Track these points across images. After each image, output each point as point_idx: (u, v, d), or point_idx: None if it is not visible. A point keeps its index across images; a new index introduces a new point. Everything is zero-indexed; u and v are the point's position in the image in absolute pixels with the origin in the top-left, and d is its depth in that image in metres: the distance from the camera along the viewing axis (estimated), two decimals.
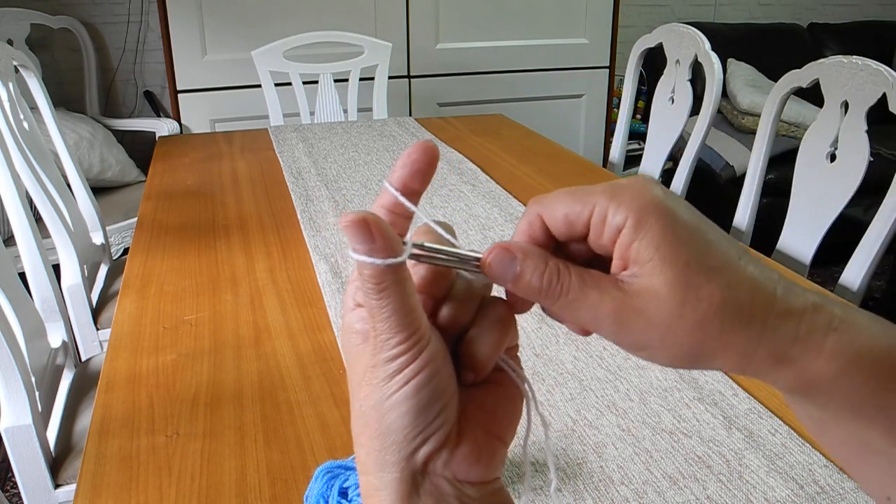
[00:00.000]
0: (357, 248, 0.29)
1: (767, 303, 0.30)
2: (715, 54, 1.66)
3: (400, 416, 0.30)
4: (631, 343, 0.31)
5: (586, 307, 0.31)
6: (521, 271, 0.31)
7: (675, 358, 0.30)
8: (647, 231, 0.30)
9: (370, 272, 0.29)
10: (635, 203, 0.30)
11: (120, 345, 0.92)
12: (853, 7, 4.03)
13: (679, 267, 0.29)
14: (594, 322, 0.31)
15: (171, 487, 0.67)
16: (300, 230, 1.28)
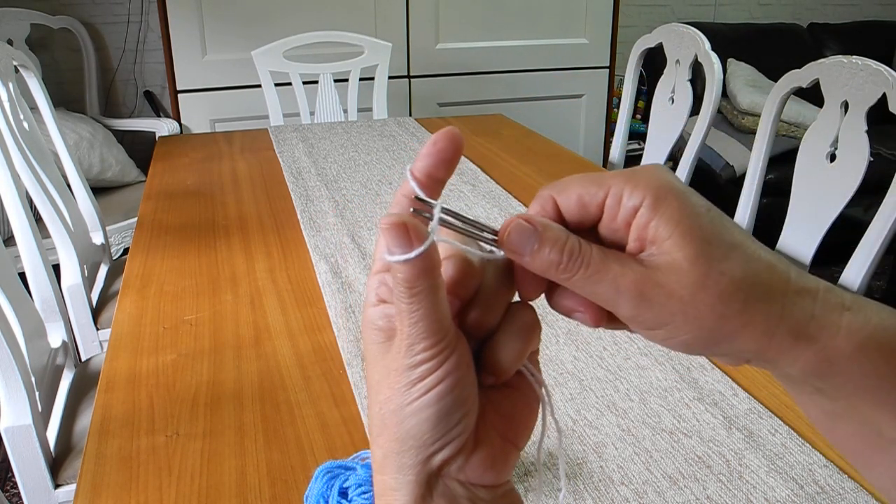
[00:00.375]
0: (394, 251, 0.29)
1: (784, 280, 0.30)
2: (715, 54, 1.66)
3: (420, 422, 0.30)
4: (651, 319, 0.30)
5: (608, 280, 0.30)
6: (541, 243, 0.31)
7: (695, 337, 0.30)
8: (664, 209, 0.30)
9: (405, 275, 0.29)
10: (651, 184, 0.31)
11: (120, 345, 0.92)
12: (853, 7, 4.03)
13: (699, 242, 0.30)
14: (614, 296, 0.30)
15: (171, 487, 0.67)
16: (300, 230, 1.28)
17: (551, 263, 0.31)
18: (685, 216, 0.30)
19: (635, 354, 0.87)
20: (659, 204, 0.30)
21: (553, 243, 0.31)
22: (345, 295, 1.03)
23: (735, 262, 0.30)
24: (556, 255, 0.31)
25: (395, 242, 0.28)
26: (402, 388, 0.30)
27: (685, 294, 0.29)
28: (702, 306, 0.29)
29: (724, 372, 0.84)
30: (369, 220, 1.31)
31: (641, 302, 0.30)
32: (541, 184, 1.54)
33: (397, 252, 0.29)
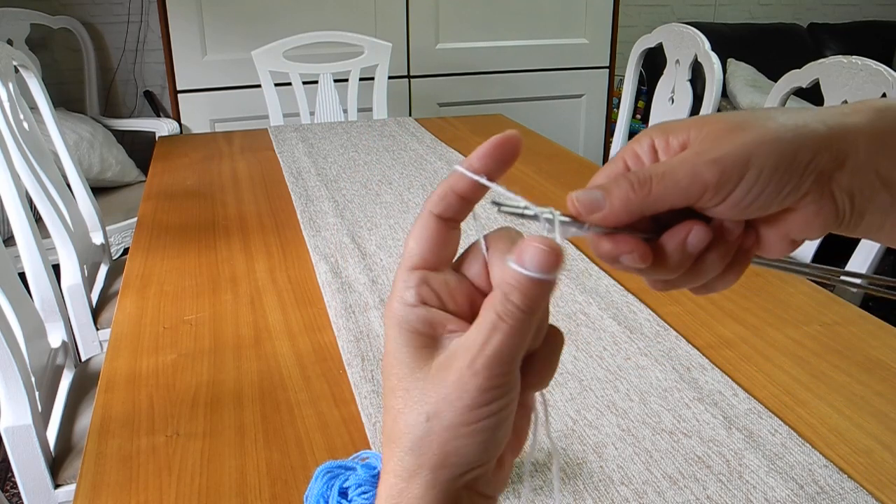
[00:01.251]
0: (539, 271, 0.28)
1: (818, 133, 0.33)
2: (715, 54, 1.66)
3: (472, 444, 0.29)
4: (733, 164, 0.32)
5: (679, 167, 0.32)
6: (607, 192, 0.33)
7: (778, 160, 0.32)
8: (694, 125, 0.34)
9: (533, 294, 0.28)
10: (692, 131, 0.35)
11: (120, 345, 0.92)
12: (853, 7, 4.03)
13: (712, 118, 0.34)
14: (693, 170, 0.32)
15: (171, 487, 0.67)
16: (300, 230, 1.28)
17: (626, 191, 0.32)
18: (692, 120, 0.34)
19: (635, 354, 0.87)
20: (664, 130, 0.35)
21: (616, 182, 0.33)
22: (345, 295, 1.03)
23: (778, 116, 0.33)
24: (625, 182, 0.33)
25: (548, 265, 0.28)
26: (465, 409, 0.28)
27: (737, 132, 0.32)
28: (754, 131, 0.32)
29: (724, 372, 0.84)
30: (369, 220, 1.31)
31: (714, 154, 0.32)
32: (541, 184, 1.54)
33: (542, 272, 0.28)
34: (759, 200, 0.32)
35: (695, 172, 0.32)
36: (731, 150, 0.32)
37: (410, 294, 0.31)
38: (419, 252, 0.31)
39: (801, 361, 0.87)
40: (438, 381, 0.29)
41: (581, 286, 1.05)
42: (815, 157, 0.32)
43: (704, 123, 0.33)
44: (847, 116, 0.34)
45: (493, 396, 0.28)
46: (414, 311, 0.30)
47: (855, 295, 1.24)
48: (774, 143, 0.32)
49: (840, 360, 0.87)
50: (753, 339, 0.92)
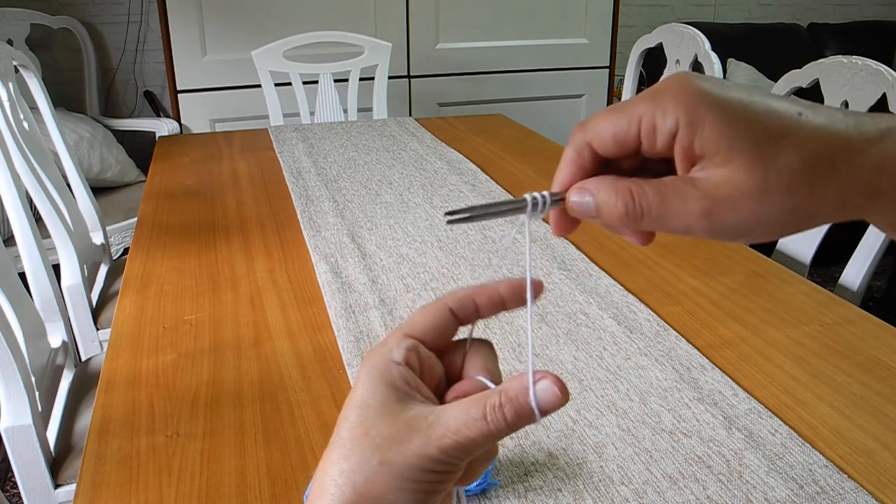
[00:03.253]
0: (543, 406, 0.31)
1: (844, 146, 0.30)
2: (715, 54, 1.66)
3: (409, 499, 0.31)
4: (727, 233, 0.31)
5: (675, 216, 0.31)
6: (598, 201, 0.32)
7: (775, 232, 0.31)
8: (702, 125, 0.30)
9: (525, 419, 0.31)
10: (681, 102, 0.30)
11: (120, 345, 0.92)
12: (853, 7, 4.03)
13: (748, 147, 0.29)
14: (687, 227, 0.31)
15: (171, 487, 0.67)
16: (300, 230, 1.28)
17: (615, 217, 0.32)
18: (727, 123, 0.29)
19: (635, 354, 0.87)
20: (695, 120, 0.30)
21: (606, 201, 0.32)
22: (345, 295, 1.03)
23: (789, 152, 0.29)
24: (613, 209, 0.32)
25: (552, 409, 0.31)
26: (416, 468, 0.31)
27: (752, 203, 0.30)
28: (772, 206, 0.30)
29: (724, 372, 0.84)
30: (369, 220, 1.31)
31: (714, 225, 0.30)
32: (541, 184, 1.54)
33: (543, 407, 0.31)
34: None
35: (687, 229, 0.31)
36: (733, 223, 0.30)
37: (399, 354, 0.33)
38: (422, 328, 0.35)
39: (801, 361, 0.87)
40: (403, 435, 0.31)
41: (581, 286, 1.05)
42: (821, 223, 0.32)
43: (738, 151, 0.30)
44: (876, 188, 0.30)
45: (441, 468, 0.31)
46: (398, 368, 0.33)
47: (855, 295, 1.25)
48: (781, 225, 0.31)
49: (840, 360, 0.87)
50: (753, 339, 0.92)
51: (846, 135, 0.30)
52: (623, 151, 0.32)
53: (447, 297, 0.35)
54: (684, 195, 0.30)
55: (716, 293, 1.03)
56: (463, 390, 0.34)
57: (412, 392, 0.33)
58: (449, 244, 1.20)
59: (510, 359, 0.87)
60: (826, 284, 1.10)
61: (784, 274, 1.09)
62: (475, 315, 0.35)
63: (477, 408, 0.31)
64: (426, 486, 0.31)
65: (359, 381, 0.33)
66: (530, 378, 0.32)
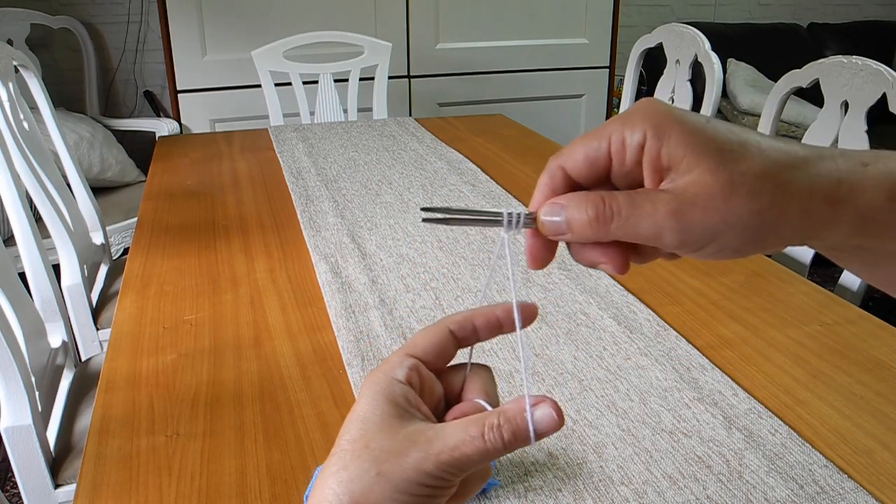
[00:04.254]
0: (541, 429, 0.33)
1: (800, 158, 0.31)
2: (715, 54, 1.66)
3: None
4: (696, 239, 0.31)
5: (644, 218, 0.31)
6: (568, 215, 0.33)
7: (742, 240, 0.31)
8: (669, 134, 0.31)
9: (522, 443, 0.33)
10: (648, 117, 0.32)
11: (120, 345, 0.92)
12: (853, 7, 4.03)
13: (712, 152, 0.31)
14: (656, 230, 0.31)
15: (171, 487, 0.67)
16: (300, 230, 1.28)
17: (584, 225, 0.32)
18: (691, 133, 0.31)
19: (635, 354, 0.87)
20: (662, 131, 0.31)
21: (576, 207, 0.33)
22: (345, 295, 1.03)
23: (751, 157, 0.31)
24: (583, 214, 0.32)
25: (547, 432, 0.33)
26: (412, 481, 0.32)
27: (719, 203, 0.30)
28: (738, 209, 0.30)
29: (724, 372, 0.84)
30: (369, 220, 1.31)
31: (682, 226, 0.31)
32: None
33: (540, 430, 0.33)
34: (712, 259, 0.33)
35: (656, 233, 0.32)
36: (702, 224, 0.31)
37: (401, 372, 0.35)
38: (423, 348, 0.36)
39: (801, 361, 0.87)
40: (401, 448, 0.32)
41: (581, 286, 1.05)
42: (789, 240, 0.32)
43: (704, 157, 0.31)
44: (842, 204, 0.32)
45: (436, 483, 0.32)
46: (400, 386, 0.34)
47: (855, 295, 1.25)
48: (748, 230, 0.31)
49: (840, 360, 0.87)
50: (753, 339, 0.92)
51: (802, 153, 0.32)
52: (594, 172, 0.33)
53: (447, 319, 0.37)
54: (654, 199, 0.31)
55: (716, 293, 1.03)
56: (462, 411, 0.35)
57: (413, 409, 0.34)
58: (449, 244, 1.20)
59: (510, 358, 0.87)
60: (826, 284, 1.10)
61: (784, 274, 1.09)
62: (474, 337, 0.37)
63: (475, 427, 0.32)
64: (420, 500, 0.32)
65: (361, 396, 0.34)
66: (527, 402, 0.33)
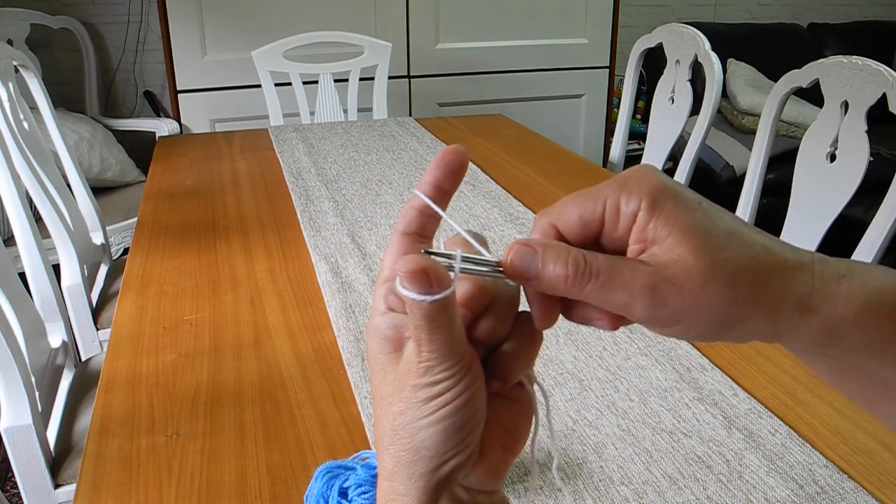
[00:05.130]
0: (413, 292, 0.29)
1: (781, 260, 0.32)
2: (715, 54, 1.66)
3: (434, 434, 0.31)
4: (666, 317, 0.31)
5: (619, 285, 0.31)
6: (543, 263, 0.32)
7: (710, 327, 0.31)
8: (661, 210, 0.31)
9: (424, 312, 0.30)
10: (645, 188, 0.32)
11: (120, 345, 0.92)
12: (853, 7, 4.03)
13: (699, 234, 0.31)
14: (628, 300, 0.31)
15: (171, 487, 0.67)
16: (300, 230, 1.28)
17: (559, 279, 0.31)
18: (681, 212, 0.31)
19: (635, 354, 0.87)
20: (656, 205, 0.31)
21: (555, 260, 0.31)
22: (345, 295, 1.03)
23: (736, 248, 0.31)
24: (562, 268, 0.31)
25: (418, 288, 0.29)
26: (418, 404, 0.31)
27: (696, 287, 0.30)
28: (713, 296, 0.30)
29: (724, 372, 0.84)
30: (369, 220, 1.31)
31: (656, 302, 0.31)
32: (541, 184, 1.54)
33: (416, 293, 0.29)
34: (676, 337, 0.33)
35: (629, 304, 0.31)
36: (674, 304, 0.31)
37: (380, 302, 0.34)
38: (387, 265, 0.34)
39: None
40: (401, 383, 0.32)
41: None
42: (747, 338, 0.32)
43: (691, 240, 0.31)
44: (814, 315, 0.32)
45: (438, 391, 0.31)
46: (384, 317, 0.33)
47: None
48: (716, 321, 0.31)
49: None
50: None
51: (782, 254, 0.32)
52: (585, 234, 0.33)
53: (397, 227, 0.35)
54: (633, 269, 0.31)
55: None
56: None
57: (402, 333, 0.33)
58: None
59: None
60: None
61: None
62: (425, 220, 0.34)
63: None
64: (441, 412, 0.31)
65: (367, 349, 0.35)
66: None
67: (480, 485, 0.34)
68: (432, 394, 0.31)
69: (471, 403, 0.32)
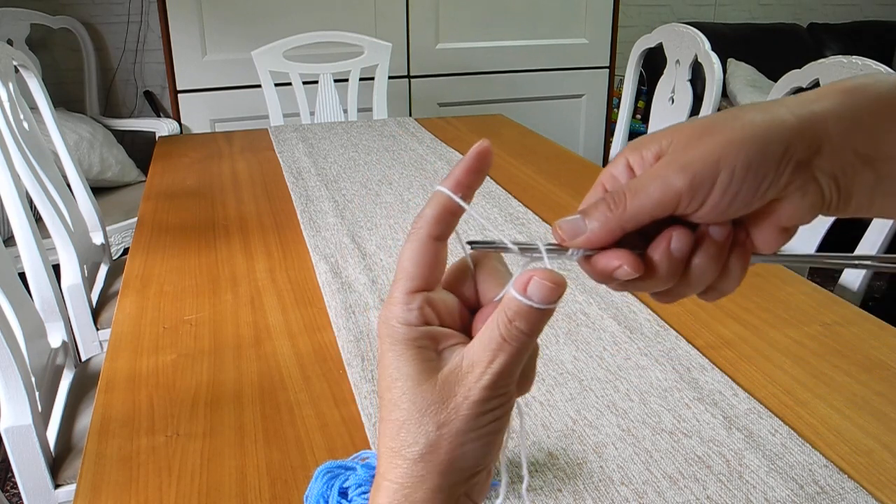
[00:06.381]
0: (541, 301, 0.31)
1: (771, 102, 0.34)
2: (715, 54, 1.66)
3: (478, 448, 0.31)
4: (706, 172, 0.32)
5: (650, 181, 0.33)
6: (586, 214, 0.34)
7: (748, 153, 0.32)
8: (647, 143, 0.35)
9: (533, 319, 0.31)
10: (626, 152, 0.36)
11: (120, 345, 0.92)
12: (853, 7, 4.03)
13: (685, 122, 0.34)
14: (665, 186, 0.33)
15: (171, 487, 0.67)
16: (300, 230, 1.28)
17: (604, 215, 0.33)
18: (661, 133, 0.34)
19: (635, 354, 0.87)
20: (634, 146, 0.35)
21: (593, 207, 0.34)
22: (345, 295, 1.03)
23: (720, 110, 0.35)
24: (601, 203, 0.33)
25: (550, 297, 0.31)
26: (473, 417, 0.31)
27: (707, 136, 0.33)
28: (726, 130, 0.32)
29: (724, 372, 0.84)
30: (369, 220, 1.31)
31: (685, 167, 0.32)
32: (541, 184, 1.54)
33: (545, 304, 0.31)
34: (737, 200, 0.33)
35: (665, 183, 0.32)
36: (699, 154, 0.32)
37: (414, 316, 0.33)
38: (419, 275, 0.33)
39: (801, 361, 0.87)
40: (447, 393, 0.31)
41: (581, 286, 1.05)
42: (788, 148, 0.32)
43: (676, 131, 0.34)
44: (814, 103, 0.34)
45: (496, 405, 0.31)
46: (418, 330, 0.33)
47: (855, 295, 1.25)
48: (743, 142, 0.32)
49: (840, 360, 0.87)
50: (753, 339, 0.92)
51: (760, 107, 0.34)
52: None
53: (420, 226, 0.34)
54: (654, 167, 0.34)
55: None
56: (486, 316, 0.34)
57: (441, 345, 0.33)
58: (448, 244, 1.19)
59: None
60: (826, 284, 1.10)
61: (784, 274, 1.09)
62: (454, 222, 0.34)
63: (493, 334, 0.31)
64: (492, 426, 0.31)
65: (384, 352, 0.33)
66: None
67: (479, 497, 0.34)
68: (490, 407, 0.31)
69: (508, 420, 0.32)
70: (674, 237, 0.34)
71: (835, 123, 0.33)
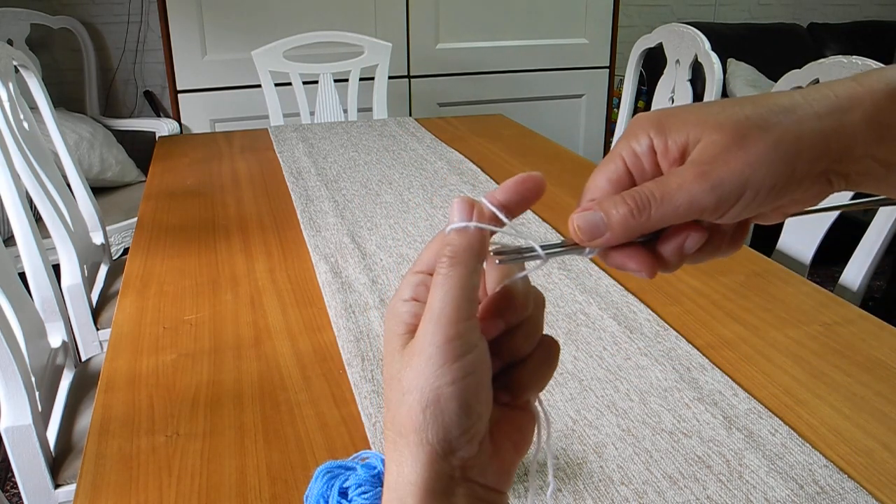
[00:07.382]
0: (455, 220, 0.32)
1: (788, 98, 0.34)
2: (715, 54, 1.66)
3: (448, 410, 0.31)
4: (732, 189, 0.32)
5: (676, 190, 0.33)
6: (606, 213, 0.33)
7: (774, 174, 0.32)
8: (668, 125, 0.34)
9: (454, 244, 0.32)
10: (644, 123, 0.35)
11: (120, 345, 0.92)
12: (853, 7, 4.03)
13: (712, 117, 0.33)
14: (690, 198, 0.32)
15: (171, 487, 0.67)
16: (300, 230, 1.28)
17: (626, 217, 0.33)
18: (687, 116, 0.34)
19: (635, 354, 0.87)
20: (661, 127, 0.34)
21: (613, 204, 0.33)
22: (345, 295, 1.03)
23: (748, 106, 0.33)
24: (623, 206, 0.33)
25: (460, 214, 0.32)
26: (431, 374, 0.31)
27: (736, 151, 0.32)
28: (755, 147, 0.32)
29: (724, 372, 0.84)
30: (369, 220, 1.31)
31: (713, 182, 0.32)
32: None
33: (458, 220, 0.32)
34: (754, 210, 0.33)
35: (693, 198, 0.33)
36: (729, 174, 0.32)
37: (407, 291, 0.34)
38: (429, 260, 0.35)
39: (801, 361, 0.87)
40: (408, 358, 0.32)
41: (581, 286, 1.05)
42: (814, 164, 0.33)
43: (704, 123, 0.33)
44: (846, 113, 0.33)
45: (453, 355, 0.31)
46: (406, 304, 0.34)
47: (855, 295, 1.25)
48: (772, 163, 0.32)
49: (840, 360, 0.87)
50: (753, 339, 0.92)
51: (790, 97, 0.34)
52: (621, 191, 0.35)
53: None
54: (678, 173, 0.33)
55: (716, 293, 1.03)
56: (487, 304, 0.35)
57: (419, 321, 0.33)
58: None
59: None
60: (826, 284, 1.10)
61: (784, 274, 1.09)
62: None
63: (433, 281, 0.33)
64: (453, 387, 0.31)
65: (384, 332, 0.35)
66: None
67: (495, 483, 0.34)
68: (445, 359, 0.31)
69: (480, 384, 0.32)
70: (690, 237, 0.34)
71: (863, 137, 0.33)
